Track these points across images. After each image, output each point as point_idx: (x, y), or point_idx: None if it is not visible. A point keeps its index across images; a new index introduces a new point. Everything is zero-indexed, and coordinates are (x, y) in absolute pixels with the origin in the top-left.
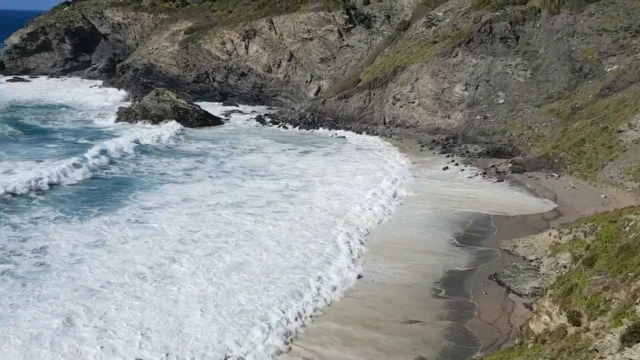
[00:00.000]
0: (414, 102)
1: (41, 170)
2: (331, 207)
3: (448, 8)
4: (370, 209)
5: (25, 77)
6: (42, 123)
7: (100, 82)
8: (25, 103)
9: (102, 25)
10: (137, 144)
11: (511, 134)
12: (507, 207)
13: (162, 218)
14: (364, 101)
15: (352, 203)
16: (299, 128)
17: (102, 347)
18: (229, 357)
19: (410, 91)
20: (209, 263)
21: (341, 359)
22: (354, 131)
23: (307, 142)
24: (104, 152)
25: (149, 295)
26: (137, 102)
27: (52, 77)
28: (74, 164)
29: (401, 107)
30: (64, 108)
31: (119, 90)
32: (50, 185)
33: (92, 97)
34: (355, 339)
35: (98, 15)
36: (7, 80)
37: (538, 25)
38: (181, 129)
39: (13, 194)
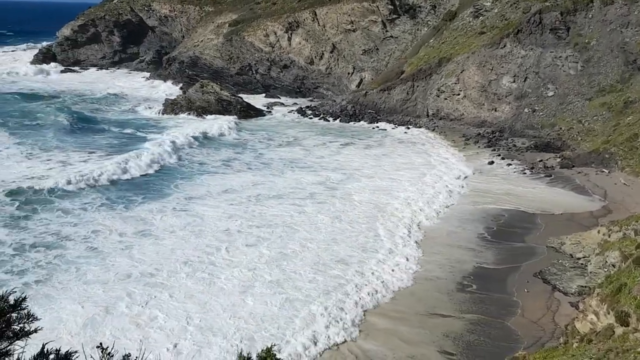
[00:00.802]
0: (459, 94)
1: (101, 165)
2: (373, 200)
3: None
4: (415, 203)
5: (76, 68)
6: (90, 112)
7: (147, 74)
8: (76, 93)
9: (149, 17)
10: (191, 137)
11: (560, 128)
12: (554, 203)
13: (204, 208)
14: (407, 93)
15: (394, 197)
16: (340, 120)
17: (146, 332)
18: (274, 344)
19: (456, 83)
20: (252, 253)
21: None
22: (396, 124)
23: (348, 134)
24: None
25: (194, 284)
26: (182, 94)
27: (101, 68)
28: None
29: (446, 99)
30: (111, 99)
31: (165, 82)
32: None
33: (139, 89)
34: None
35: (146, 8)
36: (60, 72)
37: (590, 16)
38: (235, 122)
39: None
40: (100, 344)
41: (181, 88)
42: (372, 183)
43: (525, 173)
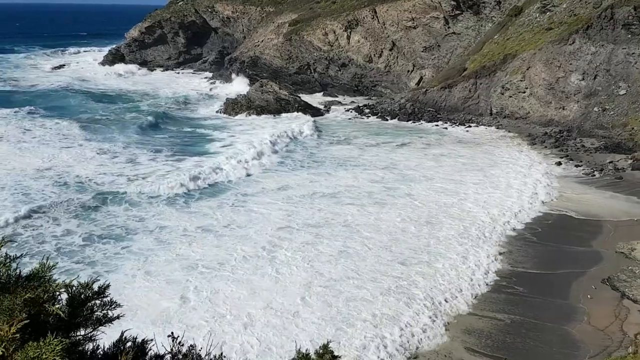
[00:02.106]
0: (524, 92)
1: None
2: (434, 201)
3: None
4: (480, 205)
5: (144, 68)
6: (155, 110)
7: (209, 74)
8: (142, 93)
9: (212, 19)
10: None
11: (632, 128)
12: (623, 207)
13: (261, 205)
14: (469, 91)
15: (458, 198)
16: (398, 119)
17: (211, 326)
18: (330, 341)
19: (521, 80)
20: (311, 251)
21: None
22: (456, 122)
23: (405, 133)
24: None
25: (255, 279)
26: (242, 93)
27: (166, 69)
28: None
29: (510, 97)
30: (175, 99)
31: (226, 82)
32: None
33: (201, 89)
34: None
35: (209, 10)
36: (131, 72)
37: None
38: (314, 121)
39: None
40: (172, 333)
41: (249, 83)
42: (432, 184)
43: (594, 175)
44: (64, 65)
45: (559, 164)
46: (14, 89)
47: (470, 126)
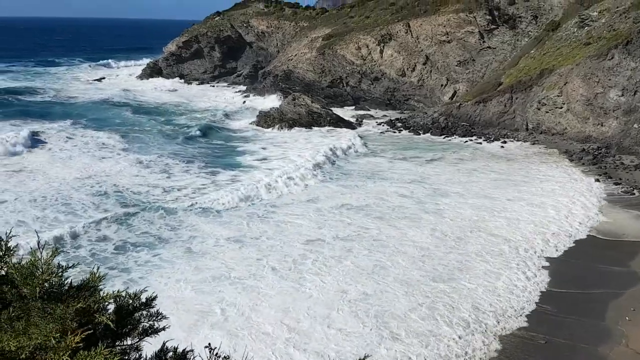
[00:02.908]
0: (561, 108)
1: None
2: (466, 217)
3: (604, 7)
4: (515, 223)
5: (180, 81)
6: (190, 122)
7: (243, 88)
8: (177, 105)
9: (247, 34)
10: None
11: None
12: None
13: (291, 216)
14: (505, 105)
15: (491, 215)
16: (431, 134)
17: (242, 337)
18: (368, 356)
19: (558, 95)
20: (340, 265)
21: None
22: (491, 137)
23: (438, 147)
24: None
25: (283, 291)
26: (275, 107)
27: (202, 82)
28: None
29: (547, 112)
30: (209, 111)
31: (260, 95)
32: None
33: (235, 102)
34: None
35: (245, 25)
36: (171, 85)
37: None
38: (360, 136)
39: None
40: (209, 344)
41: (274, 101)
42: (464, 199)
43: (633, 193)
44: (104, 78)
45: (597, 181)
46: (55, 100)
47: (505, 141)
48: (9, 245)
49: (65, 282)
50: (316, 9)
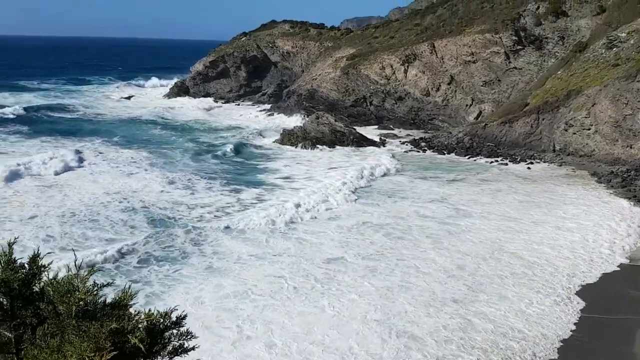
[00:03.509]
0: (589, 129)
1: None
2: (489, 239)
3: (633, 29)
4: (541, 246)
5: (206, 100)
6: (214, 141)
7: (268, 106)
8: (202, 123)
9: (273, 54)
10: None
11: None
12: None
13: (312, 234)
14: (531, 126)
15: (517, 238)
16: (455, 154)
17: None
18: None
19: (586, 117)
20: (362, 285)
21: None
22: (517, 158)
23: (462, 167)
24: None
25: (306, 312)
26: (298, 125)
27: (227, 101)
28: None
29: (574, 133)
30: (233, 130)
31: (284, 114)
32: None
33: (259, 120)
34: None
35: (270, 45)
36: (189, 104)
37: None
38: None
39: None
40: None
41: (297, 119)
42: (487, 221)
43: None
44: (133, 96)
45: (630, 204)
46: (84, 117)
47: (531, 163)
48: (43, 262)
49: (99, 300)
50: (341, 29)
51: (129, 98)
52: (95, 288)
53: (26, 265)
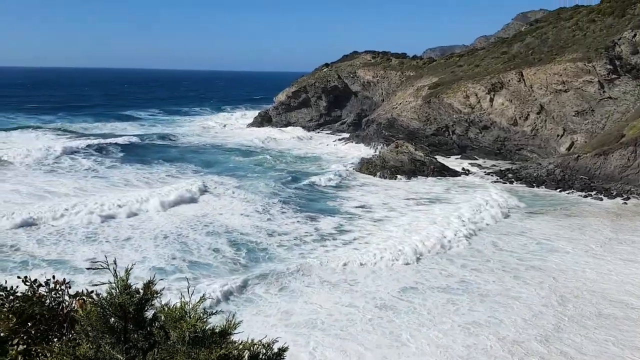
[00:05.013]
0: None
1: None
2: (577, 277)
3: None
4: (634, 288)
5: (287, 129)
6: (293, 169)
7: (347, 135)
8: (281, 151)
9: (353, 83)
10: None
11: None
12: None
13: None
14: (628, 159)
15: (604, 277)
16: (545, 186)
17: None
18: None
19: None
20: (437, 317)
21: None
22: (613, 192)
23: (551, 200)
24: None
25: (385, 344)
26: (377, 154)
27: (307, 130)
28: None
29: None
30: (311, 158)
31: (362, 142)
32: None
33: (338, 148)
34: None
35: (351, 75)
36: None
37: None
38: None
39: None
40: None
41: (376, 148)
42: (573, 257)
43: None
44: (225, 125)
45: None
46: (174, 144)
47: (628, 197)
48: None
49: (208, 328)
50: (423, 58)
51: (224, 126)
52: (205, 316)
53: (140, 291)
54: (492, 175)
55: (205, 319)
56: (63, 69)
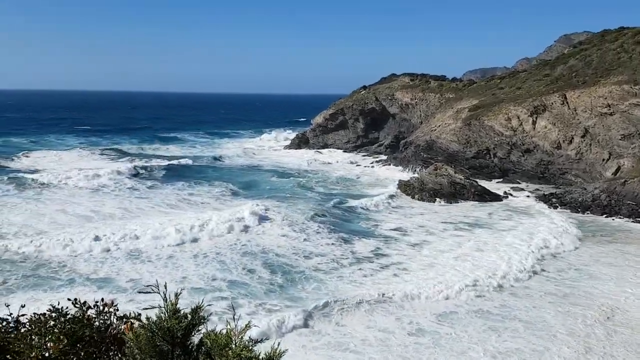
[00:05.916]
0: None
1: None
2: (625, 308)
3: None
4: None
5: (324, 151)
6: (328, 191)
7: (384, 157)
8: (318, 173)
9: (391, 106)
10: None
11: None
12: None
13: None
14: None
15: None
16: (591, 211)
17: None
18: None
19: None
20: (477, 345)
21: None
22: None
23: (595, 227)
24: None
25: None
26: (415, 176)
27: (345, 152)
28: None
29: None
30: (349, 179)
31: (400, 165)
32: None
33: (375, 171)
34: None
35: (389, 97)
36: (303, 154)
37: None
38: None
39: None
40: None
41: (414, 170)
42: (621, 287)
43: None
44: (264, 147)
45: None
46: (218, 165)
47: None
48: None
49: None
50: (463, 80)
51: (263, 148)
52: (250, 343)
53: (189, 316)
54: (536, 201)
55: (250, 347)
56: (103, 92)
